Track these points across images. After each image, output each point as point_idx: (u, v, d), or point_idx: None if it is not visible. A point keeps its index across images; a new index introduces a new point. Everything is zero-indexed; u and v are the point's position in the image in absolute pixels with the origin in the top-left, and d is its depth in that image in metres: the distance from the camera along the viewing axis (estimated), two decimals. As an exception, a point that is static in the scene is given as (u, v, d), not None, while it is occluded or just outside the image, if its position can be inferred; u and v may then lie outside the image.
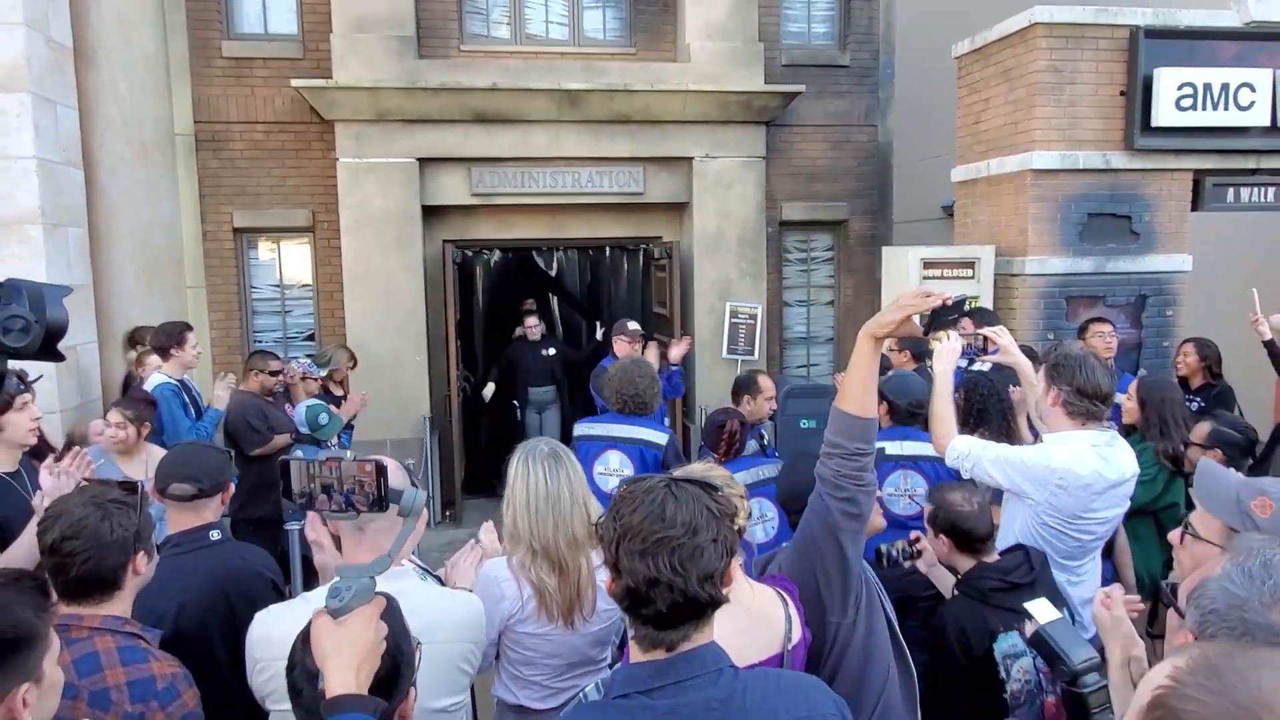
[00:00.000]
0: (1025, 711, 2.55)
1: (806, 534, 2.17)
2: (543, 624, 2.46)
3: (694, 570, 1.44)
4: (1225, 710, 0.95)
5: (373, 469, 1.54)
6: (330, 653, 1.41)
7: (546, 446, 2.56)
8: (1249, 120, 6.72)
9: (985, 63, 7.38)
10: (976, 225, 7.59)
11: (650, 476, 1.58)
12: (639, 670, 1.51)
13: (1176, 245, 7.04)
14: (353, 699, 1.37)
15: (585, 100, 7.86)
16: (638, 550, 1.46)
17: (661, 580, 1.44)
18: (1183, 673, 1.02)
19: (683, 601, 1.45)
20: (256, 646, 1.98)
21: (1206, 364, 5.65)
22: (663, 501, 1.49)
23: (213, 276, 8.07)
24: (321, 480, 1.55)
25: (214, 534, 2.68)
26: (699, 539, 1.46)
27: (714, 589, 1.48)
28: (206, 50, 7.86)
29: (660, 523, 1.46)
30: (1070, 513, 2.95)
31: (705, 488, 1.55)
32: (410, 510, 1.61)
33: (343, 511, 1.57)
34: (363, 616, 1.45)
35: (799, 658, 2.05)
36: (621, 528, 1.49)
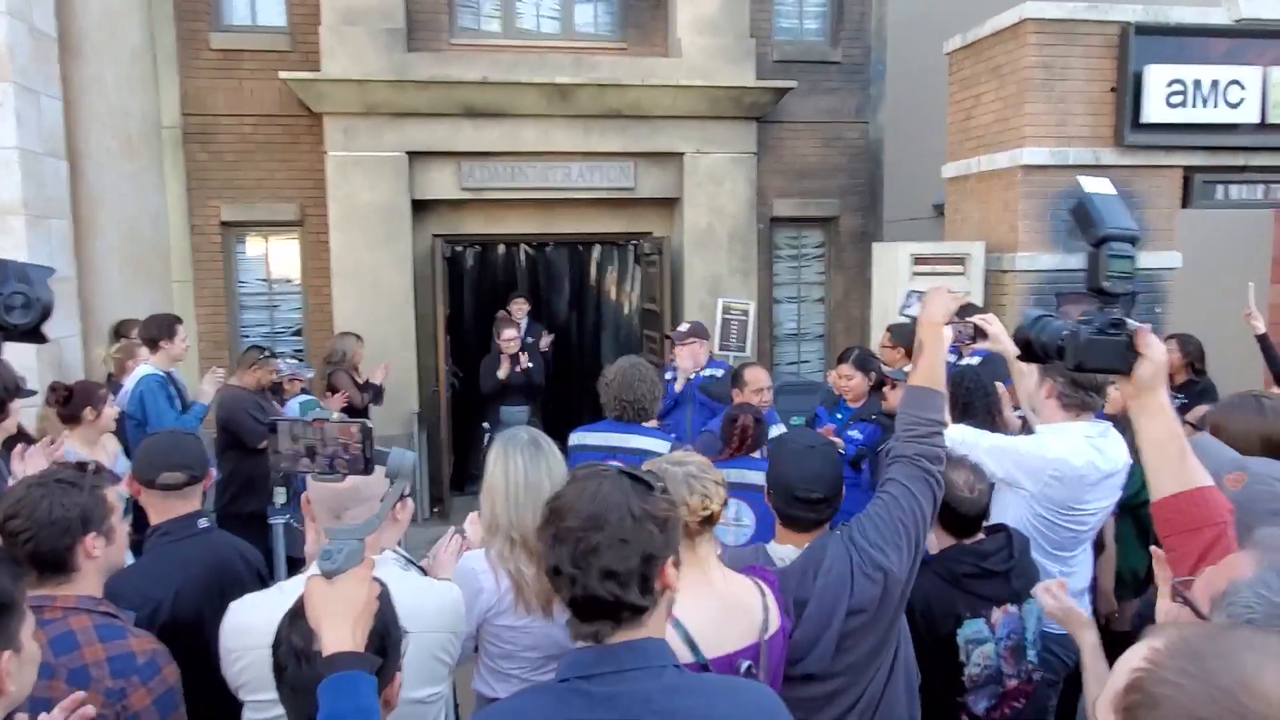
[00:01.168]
0: (983, 692, 2.55)
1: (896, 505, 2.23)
2: (521, 616, 2.43)
3: (595, 566, 1.41)
4: (1204, 693, 0.93)
5: (358, 430, 1.51)
6: (325, 613, 1.41)
7: (527, 435, 2.53)
8: (1238, 117, 6.73)
9: (976, 59, 7.38)
10: (967, 221, 7.59)
11: (605, 465, 1.55)
12: (580, 656, 1.49)
13: (1166, 242, 7.05)
14: (351, 656, 1.37)
15: (576, 95, 7.83)
16: (550, 535, 1.46)
17: (562, 571, 1.43)
18: (1161, 655, 0.98)
19: (583, 596, 1.42)
20: (230, 636, 1.95)
21: (1189, 360, 5.65)
22: (585, 491, 1.46)
23: (200, 271, 8.01)
24: (306, 441, 1.53)
25: (203, 521, 2.67)
26: (604, 535, 1.41)
27: (619, 589, 1.41)
28: (194, 42, 7.80)
29: (572, 512, 1.44)
30: (1063, 503, 2.96)
31: (644, 486, 1.49)
32: (398, 472, 1.58)
33: (328, 474, 1.54)
34: (355, 577, 1.45)
35: (777, 647, 2.03)
36: (550, 511, 1.48)
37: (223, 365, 7.19)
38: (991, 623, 2.58)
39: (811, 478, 2.26)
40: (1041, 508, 3.03)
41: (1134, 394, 1.80)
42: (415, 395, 7.96)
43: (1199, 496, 1.74)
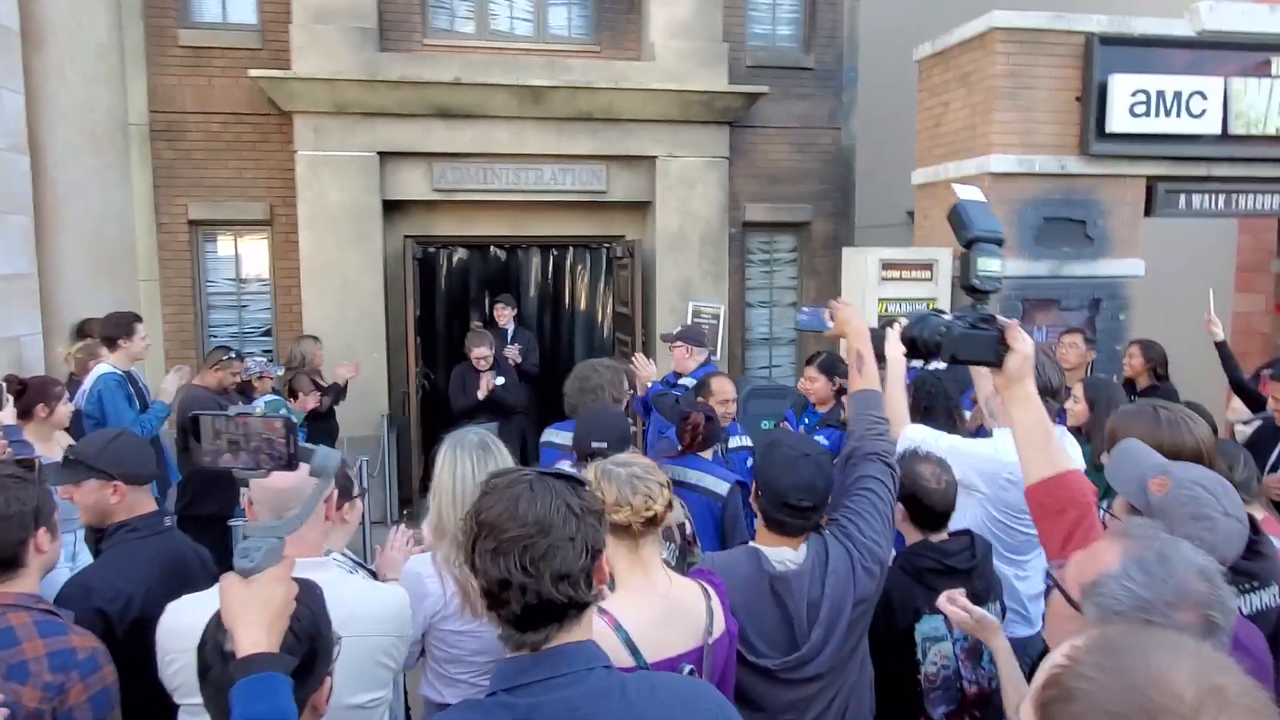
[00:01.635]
0: (941, 696, 2.56)
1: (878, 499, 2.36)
2: (468, 620, 2.41)
3: (547, 570, 1.39)
4: (1118, 690, 0.94)
5: (282, 426, 1.48)
6: (240, 613, 1.38)
7: (476, 437, 2.52)
8: (1201, 128, 6.83)
9: (945, 67, 7.44)
10: (935, 228, 7.65)
11: (519, 469, 1.53)
12: (506, 667, 1.47)
13: (1130, 250, 7.14)
14: (265, 657, 1.34)
15: (548, 97, 7.82)
16: (489, 550, 1.41)
17: (513, 582, 1.39)
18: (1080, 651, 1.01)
19: (537, 603, 1.40)
20: (167, 637, 1.93)
21: (1152, 365, 5.74)
22: (518, 498, 1.43)
23: (167, 270, 7.92)
24: (229, 436, 1.48)
25: (167, 520, 2.66)
26: (552, 538, 1.41)
27: (571, 589, 1.42)
28: (162, 38, 7.72)
29: (512, 521, 1.41)
30: (1018, 507, 2.98)
31: (571, 482, 1.50)
32: (323, 470, 1.55)
33: (251, 469, 1.51)
34: (272, 576, 1.42)
35: (720, 652, 2.03)
36: (478, 525, 1.45)
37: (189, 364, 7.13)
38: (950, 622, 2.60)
39: (804, 486, 2.25)
40: (996, 511, 3.06)
41: (1005, 385, 1.92)
42: (385, 397, 7.91)
43: (1064, 480, 1.86)
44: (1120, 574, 1.41)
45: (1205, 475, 1.92)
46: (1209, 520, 1.83)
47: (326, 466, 1.52)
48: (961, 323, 1.89)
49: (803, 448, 2.33)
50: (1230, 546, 1.85)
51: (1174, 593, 1.38)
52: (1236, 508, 1.88)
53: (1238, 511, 1.87)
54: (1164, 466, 1.95)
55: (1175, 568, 1.40)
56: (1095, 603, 1.42)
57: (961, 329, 1.88)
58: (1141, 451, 2.04)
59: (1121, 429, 2.64)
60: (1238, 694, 0.93)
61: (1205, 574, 1.41)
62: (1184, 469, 1.94)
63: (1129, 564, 1.41)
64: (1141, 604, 1.38)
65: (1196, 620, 1.37)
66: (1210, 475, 1.93)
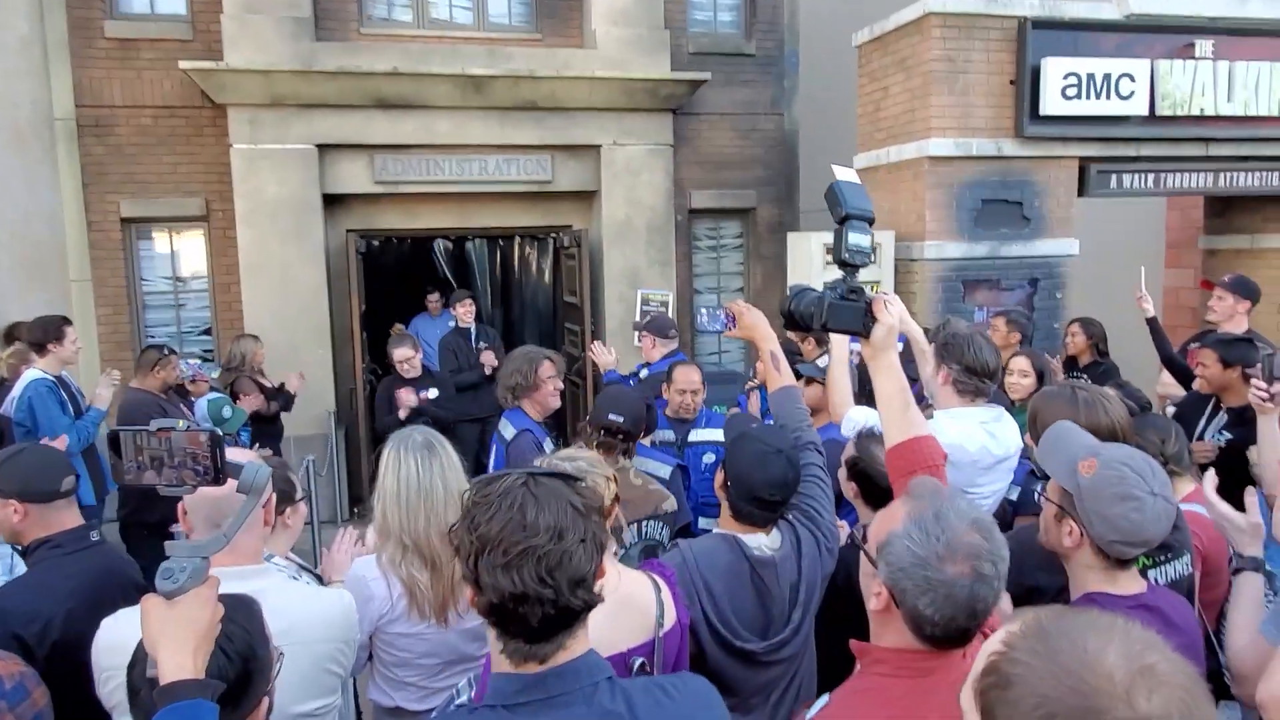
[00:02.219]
0: None
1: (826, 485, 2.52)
2: (415, 623, 2.40)
3: (564, 578, 1.34)
4: (1051, 673, 0.97)
5: (207, 439, 1.40)
6: (162, 637, 1.32)
7: (421, 436, 2.50)
8: (1129, 109, 7.01)
9: (884, 52, 7.53)
10: (877, 211, 7.74)
11: (506, 474, 1.45)
12: (505, 684, 1.40)
13: (1064, 230, 7.32)
14: (190, 684, 1.28)
15: (490, 86, 7.73)
16: (500, 564, 1.33)
17: (529, 594, 1.32)
18: (1015, 637, 1.03)
19: (554, 613, 1.35)
20: (103, 654, 1.88)
21: (1093, 342, 5.90)
22: (522, 505, 1.36)
23: (99, 269, 7.68)
24: (151, 453, 1.40)
25: (94, 535, 2.55)
26: (566, 543, 1.35)
27: (587, 593, 1.38)
28: (88, 30, 7.46)
29: (522, 531, 1.34)
30: (956, 486, 3.04)
31: (566, 481, 1.44)
32: (250, 486, 1.47)
33: (175, 485, 1.43)
34: (197, 597, 1.35)
35: (672, 643, 2.04)
36: (479, 539, 1.36)
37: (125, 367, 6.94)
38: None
39: (776, 483, 2.32)
40: None
41: (871, 354, 2.05)
42: (331, 394, 7.79)
43: (917, 444, 2.02)
44: (902, 533, 1.52)
45: (1132, 456, 1.95)
46: (1136, 501, 1.86)
47: (255, 482, 1.45)
48: (833, 293, 1.98)
49: (774, 443, 2.38)
50: (1158, 526, 1.89)
51: (945, 547, 1.48)
52: (1164, 487, 1.91)
53: (1165, 491, 1.91)
54: (1094, 448, 1.97)
55: (949, 524, 1.50)
56: (885, 561, 1.53)
57: (832, 299, 1.97)
58: (1071, 433, 2.06)
59: (1041, 409, 2.72)
60: (1167, 672, 0.96)
61: (977, 527, 1.51)
62: (1112, 450, 1.96)
63: (909, 524, 1.52)
64: (918, 560, 1.48)
65: (967, 572, 1.47)
66: (1138, 455, 1.96)
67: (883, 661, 1.58)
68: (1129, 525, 1.87)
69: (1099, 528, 1.90)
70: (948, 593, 1.46)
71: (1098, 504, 1.89)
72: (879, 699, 1.54)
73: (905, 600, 1.50)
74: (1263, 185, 7.72)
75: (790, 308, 2.10)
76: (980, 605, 1.49)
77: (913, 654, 1.54)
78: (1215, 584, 2.76)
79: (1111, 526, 1.88)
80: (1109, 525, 1.89)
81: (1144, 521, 1.87)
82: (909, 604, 1.49)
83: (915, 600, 1.48)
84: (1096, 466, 1.90)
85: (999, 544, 1.53)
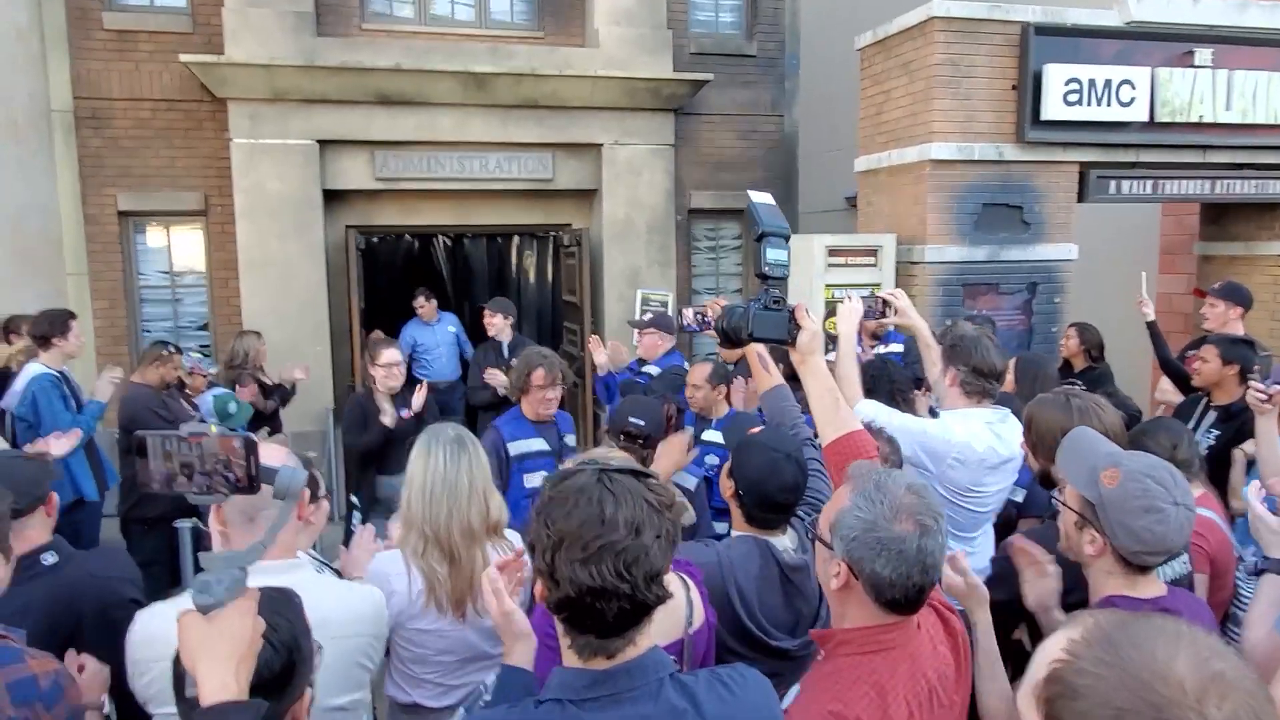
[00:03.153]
0: None
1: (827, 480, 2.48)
2: (435, 619, 2.39)
3: (640, 573, 1.33)
4: (1121, 682, 0.96)
5: (241, 445, 1.34)
6: (202, 653, 1.26)
7: (453, 431, 2.51)
8: (1130, 115, 7.06)
9: (887, 55, 7.55)
10: (878, 214, 7.78)
11: (580, 470, 1.44)
12: (573, 678, 1.40)
13: (1064, 235, 7.37)
14: (235, 707, 1.23)
15: (492, 84, 7.72)
16: (579, 559, 1.33)
17: (607, 588, 1.32)
18: (1078, 645, 1.02)
19: (630, 608, 1.35)
20: (137, 648, 1.86)
21: (1087, 348, 5.95)
22: (600, 500, 1.36)
23: (96, 263, 7.62)
24: (181, 459, 1.33)
25: (47, 557, 2.33)
26: (644, 539, 1.35)
27: (660, 589, 1.38)
28: (86, 22, 7.41)
29: (601, 525, 1.34)
30: (963, 485, 3.06)
31: (639, 476, 1.43)
32: (287, 491, 1.43)
33: (206, 494, 1.38)
34: (237, 610, 1.30)
35: (701, 643, 2.05)
36: (557, 534, 1.36)
37: (122, 362, 6.89)
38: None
39: (789, 487, 2.34)
40: (944, 489, 3.14)
41: (799, 359, 2.18)
42: (330, 391, 7.75)
43: (851, 439, 2.14)
44: (850, 507, 1.66)
45: (1155, 466, 1.94)
46: (1160, 512, 1.86)
47: (291, 487, 1.41)
48: (757, 304, 2.09)
49: (782, 447, 2.39)
50: (1181, 535, 1.90)
51: (889, 509, 1.62)
52: (1186, 496, 1.91)
53: (1187, 499, 1.91)
54: (1115, 457, 1.95)
55: (889, 489, 1.65)
56: (839, 536, 1.66)
57: (756, 310, 2.09)
58: (1093, 441, 2.05)
59: (1035, 415, 2.74)
60: (1236, 678, 0.95)
61: (913, 489, 1.67)
62: (1135, 459, 1.95)
63: (855, 498, 1.66)
64: (868, 525, 1.62)
65: (912, 528, 1.61)
66: (1160, 465, 1.95)
67: (846, 643, 1.69)
68: (1152, 536, 1.88)
69: (1122, 538, 1.90)
70: (900, 549, 1.59)
71: (1121, 515, 1.89)
72: (847, 678, 1.64)
73: (863, 568, 1.62)
74: (1259, 193, 7.79)
75: (722, 325, 2.19)
76: (929, 560, 1.62)
77: (874, 629, 1.66)
78: (1221, 587, 2.78)
79: (1135, 538, 1.89)
80: (1133, 536, 1.89)
81: (1167, 532, 1.88)
82: (867, 570, 1.62)
83: (872, 564, 1.61)
84: (1120, 478, 1.89)
85: (936, 502, 1.68)
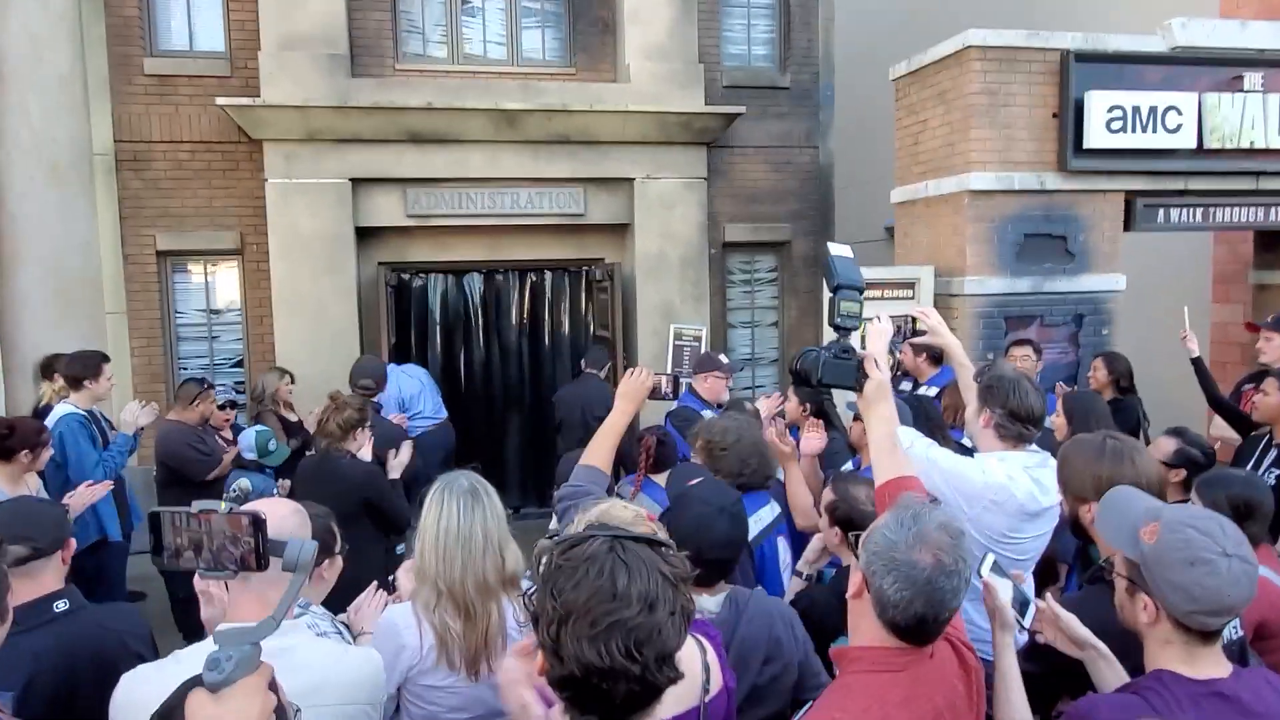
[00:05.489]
0: None
1: None
2: (446, 675, 2.28)
3: (651, 654, 1.23)
4: None
5: (248, 523, 1.31)
6: None
7: (467, 482, 2.41)
8: (1177, 142, 6.84)
9: (922, 85, 7.43)
10: (916, 246, 7.62)
11: (589, 536, 1.34)
12: None
13: (1110, 265, 7.13)
14: None
15: (523, 120, 7.73)
16: (586, 635, 1.23)
17: (616, 669, 1.22)
18: None
19: (639, 690, 1.24)
20: (119, 710, 1.78)
21: (1115, 378, 5.72)
22: (612, 572, 1.26)
23: (134, 302, 7.73)
24: (190, 535, 1.32)
25: (59, 605, 2.32)
26: (657, 616, 1.24)
27: (673, 670, 1.27)
28: (128, 67, 7.57)
29: (612, 600, 1.24)
30: (998, 531, 2.87)
31: (654, 546, 1.33)
32: (296, 564, 1.38)
33: (214, 569, 1.34)
34: (247, 689, 1.24)
35: (719, 709, 1.92)
36: (564, 606, 1.25)
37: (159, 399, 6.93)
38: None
39: (721, 543, 2.29)
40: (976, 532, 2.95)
41: (865, 405, 2.30)
42: (361, 427, 7.72)
43: (904, 483, 2.22)
44: (882, 525, 1.77)
45: (1196, 515, 1.78)
46: (1207, 564, 1.70)
47: (301, 559, 1.36)
48: (828, 353, 2.25)
49: (717, 501, 2.38)
50: (1239, 589, 1.71)
51: (914, 536, 1.70)
52: (1239, 546, 1.73)
53: (1240, 550, 1.72)
54: (1155, 511, 1.80)
55: (922, 521, 1.73)
56: (865, 547, 1.77)
57: (827, 359, 2.25)
58: (1129, 499, 1.90)
59: (1069, 455, 2.60)
60: None
61: (947, 529, 1.72)
62: (1175, 511, 1.80)
63: (889, 519, 1.77)
64: (889, 544, 1.71)
65: (930, 560, 1.67)
66: (1203, 514, 1.80)
67: (858, 660, 1.76)
68: (1203, 592, 1.70)
69: (1172, 598, 1.73)
70: (909, 573, 1.66)
71: (1166, 571, 1.73)
72: (856, 692, 1.70)
73: (873, 581, 1.71)
74: (1316, 220, 7.50)
75: (796, 366, 2.35)
76: (938, 595, 1.65)
77: (886, 651, 1.72)
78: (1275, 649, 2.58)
79: (1186, 595, 1.71)
80: (1183, 594, 1.72)
81: (1220, 586, 1.69)
82: (876, 584, 1.70)
83: (881, 580, 1.68)
84: (1159, 531, 1.74)
85: (965, 550, 1.72)
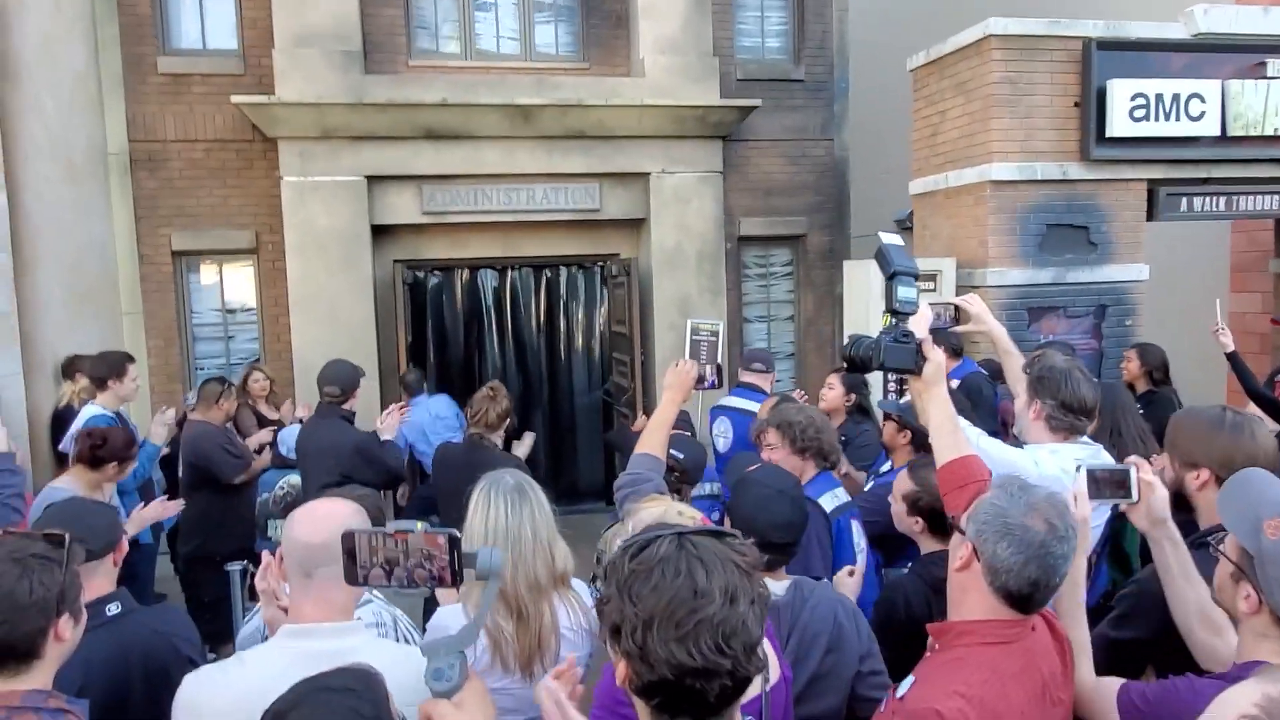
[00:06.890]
0: None
1: None
2: (500, 677, 2.24)
3: (739, 646, 1.21)
4: None
5: (445, 541, 1.36)
6: None
7: (512, 479, 2.36)
8: (1200, 130, 6.78)
9: (941, 75, 7.37)
10: (935, 238, 7.56)
11: (656, 537, 1.30)
12: None
13: (1133, 255, 7.07)
14: None
15: (538, 116, 7.68)
16: (674, 637, 1.20)
17: (709, 667, 1.19)
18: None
19: (732, 685, 1.21)
20: (181, 712, 1.75)
21: (1148, 369, 5.63)
22: (689, 570, 1.23)
23: (150, 301, 7.70)
24: (386, 554, 1.38)
25: (111, 608, 2.31)
26: (739, 608, 1.22)
27: (759, 660, 1.24)
28: (141, 66, 7.53)
29: (694, 598, 1.21)
30: None
31: (719, 537, 1.31)
32: (489, 571, 1.41)
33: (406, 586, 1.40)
34: (475, 691, 1.36)
35: (779, 698, 1.91)
36: (646, 611, 1.22)
37: (175, 399, 6.92)
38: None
39: (782, 524, 2.31)
40: None
41: (923, 387, 2.35)
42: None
43: (965, 462, 2.30)
44: (990, 496, 1.87)
45: None
46: None
47: (492, 567, 1.40)
48: (887, 337, 2.30)
49: (777, 484, 2.42)
50: None
51: (1025, 505, 1.79)
52: None
53: None
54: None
55: (1031, 491, 1.83)
56: (972, 520, 1.84)
57: (887, 343, 2.29)
58: (1262, 485, 1.80)
59: (1182, 422, 2.53)
60: None
61: (1053, 501, 1.82)
62: None
63: (997, 489, 1.88)
64: (1000, 512, 1.79)
65: (1042, 526, 1.75)
66: None
67: (969, 633, 1.79)
68: None
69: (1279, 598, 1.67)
70: (1023, 537, 1.73)
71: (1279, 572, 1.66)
72: (970, 664, 1.72)
73: (984, 549, 1.76)
74: (1339, 207, 7.43)
75: (850, 353, 2.37)
76: (1050, 560, 1.73)
77: (995, 624, 1.77)
78: None
79: None
80: None
81: None
82: (988, 551, 1.76)
83: (994, 546, 1.75)
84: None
85: (1071, 520, 1.81)
